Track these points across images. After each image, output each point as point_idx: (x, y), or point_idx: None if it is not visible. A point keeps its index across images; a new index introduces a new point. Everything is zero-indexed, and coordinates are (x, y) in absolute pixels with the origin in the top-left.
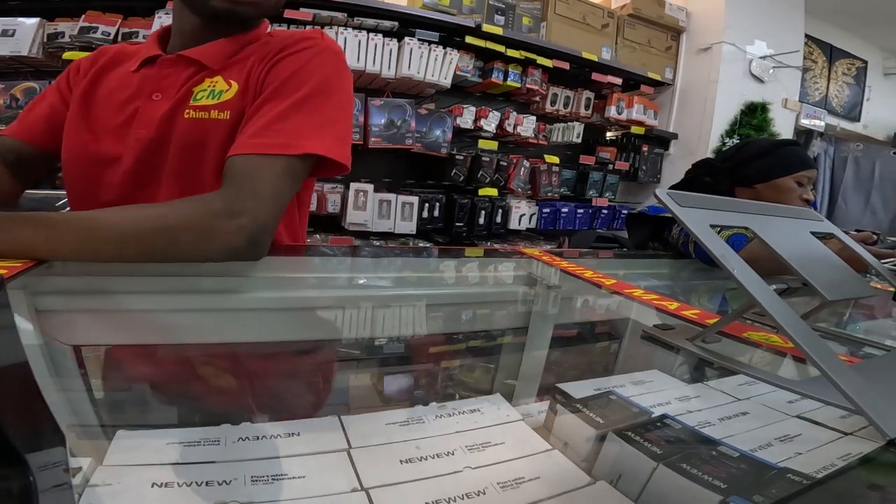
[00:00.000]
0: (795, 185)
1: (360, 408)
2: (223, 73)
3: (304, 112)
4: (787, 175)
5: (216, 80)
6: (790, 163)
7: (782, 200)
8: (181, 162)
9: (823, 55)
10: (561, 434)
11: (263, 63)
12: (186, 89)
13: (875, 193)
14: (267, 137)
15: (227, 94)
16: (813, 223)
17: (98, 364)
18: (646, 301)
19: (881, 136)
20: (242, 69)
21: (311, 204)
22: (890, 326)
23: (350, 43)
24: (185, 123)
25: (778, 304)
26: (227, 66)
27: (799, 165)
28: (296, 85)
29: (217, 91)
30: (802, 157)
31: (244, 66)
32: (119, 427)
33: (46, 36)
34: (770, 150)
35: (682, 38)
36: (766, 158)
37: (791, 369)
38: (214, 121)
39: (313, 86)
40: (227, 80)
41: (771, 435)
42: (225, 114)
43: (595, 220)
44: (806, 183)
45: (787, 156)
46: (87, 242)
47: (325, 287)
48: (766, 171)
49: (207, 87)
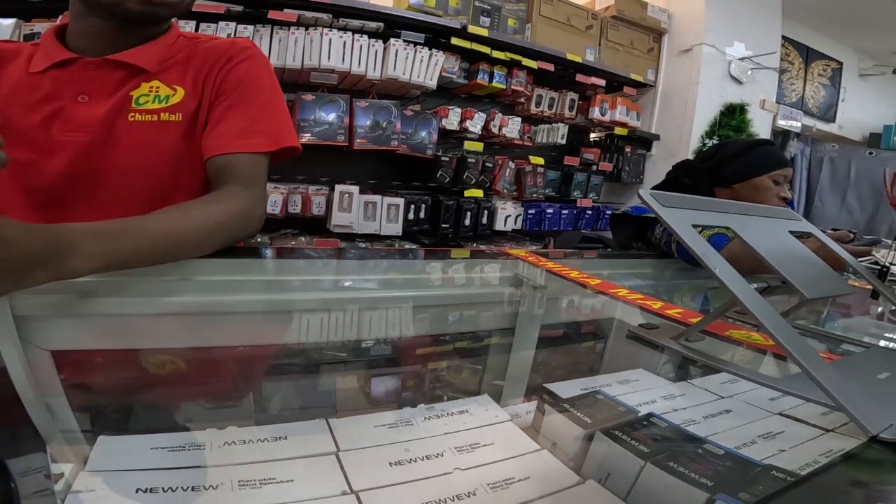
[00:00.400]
0: (772, 184)
1: (348, 410)
2: (160, 76)
3: (271, 111)
4: (763, 174)
5: (156, 85)
6: (766, 162)
7: (760, 199)
8: (129, 162)
9: (800, 56)
10: (549, 434)
11: (214, 70)
12: (123, 94)
13: (851, 193)
14: (255, 137)
15: (175, 98)
16: (791, 222)
17: (78, 369)
18: (630, 301)
19: (856, 136)
20: (184, 73)
21: (296, 205)
22: (867, 324)
23: (335, 44)
24: (132, 126)
25: (759, 302)
26: (163, 69)
27: (775, 164)
28: (255, 88)
29: (162, 96)
30: (778, 156)
31: (184, 69)
32: (100, 433)
33: (23, 37)
34: (746, 150)
35: (663, 40)
36: (742, 158)
37: (772, 367)
38: (165, 123)
39: (268, 87)
40: (169, 86)
41: (754, 432)
42: (176, 116)
43: (580, 220)
44: (782, 181)
45: (762, 155)
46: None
47: (311, 290)
48: (744, 170)
49: (149, 92)
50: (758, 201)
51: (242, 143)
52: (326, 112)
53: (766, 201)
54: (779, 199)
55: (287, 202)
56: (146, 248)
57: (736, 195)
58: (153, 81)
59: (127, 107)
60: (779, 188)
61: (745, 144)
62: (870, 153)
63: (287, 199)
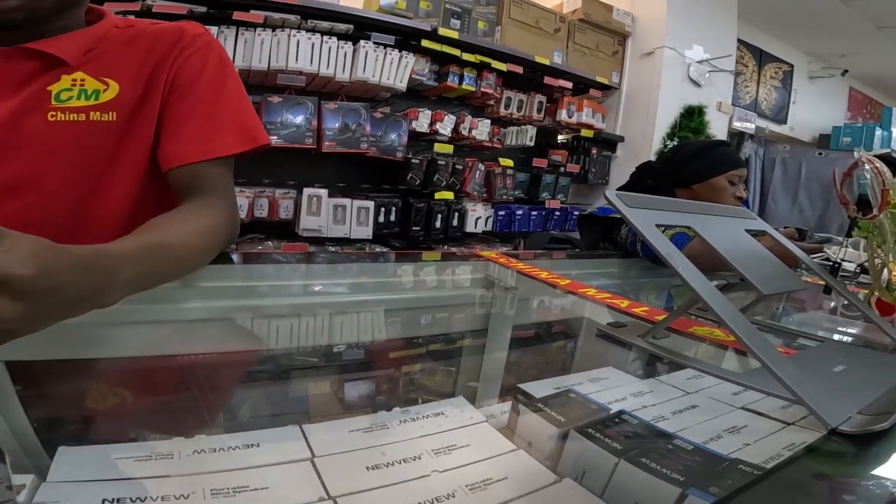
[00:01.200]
0: (728, 184)
1: (322, 416)
2: (84, 68)
3: (236, 105)
4: (720, 174)
5: (80, 77)
6: (722, 163)
7: (717, 198)
8: (45, 168)
9: (754, 59)
10: (524, 434)
11: (167, 60)
12: (38, 88)
13: (802, 192)
14: (222, 139)
15: (108, 94)
16: (748, 221)
17: (33, 379)
18: (599, 300)
19: (806, 137)
20: (119, 63)
21: (262, 209)
22: (821, 318)
23: (303, 46)
24: (51, 126)
25: (720, 299)
26: (88, 59)
27: (731, 165)
28: (216, 82)
29: (90, 91)
30: (733, 156)
31: (119, 59)
32: (59, 443)
33: None
34: (704, 151)
35: (627, 43)
36: (700, 160)
37: (734, 362)
38: (95, 123)
39: (229, 79)
40: (98, 78)
41: (720, 427)
42: (109, 115)
43: (548, 221)
44: (737, 181)
45: (719, 156)
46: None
47: (280, 295)
48: (702, 171)
49: (72, 86)
50: (714, 201)
51: (210, 148)
52: (294, 114)
53: (723, 200)
54: (734, 198)
55: (253, 206)
56: (165, 269)
57: (695, 195)
58: (76, 73)
59: (45, 104)
60: (734, 188)
61: (703, 146)
62: (819, 153)
63: (253, 203)
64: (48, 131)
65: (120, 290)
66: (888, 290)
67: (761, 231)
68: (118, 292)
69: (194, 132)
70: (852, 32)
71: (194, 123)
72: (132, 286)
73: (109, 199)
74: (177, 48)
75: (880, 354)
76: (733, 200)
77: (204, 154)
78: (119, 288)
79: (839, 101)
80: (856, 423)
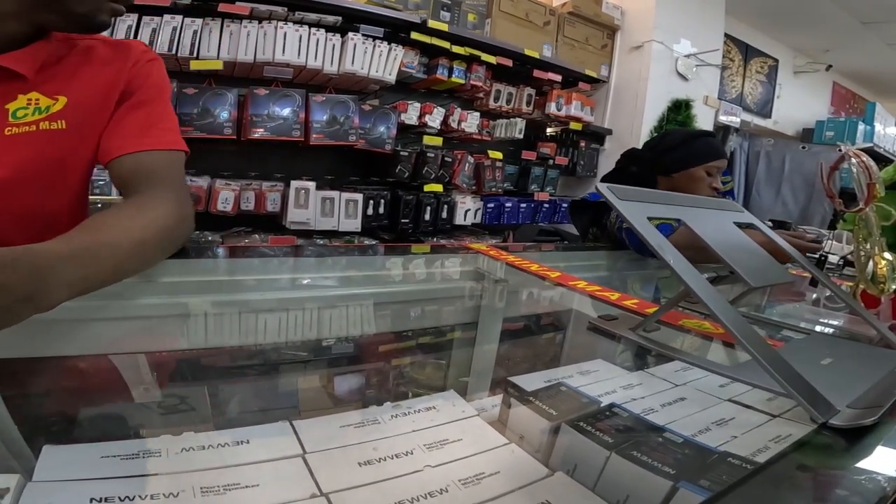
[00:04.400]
0: (705, 175)
1: (312, 411)
2: (40, 87)
3: (169, 114)
4: (699, 165)
5: (34, 97)
6: (703, 153)
7: (693, 187)
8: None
9: (740, 54)
10: (516, 427)
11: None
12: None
13: (785, 185)
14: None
15: (57, 106)
16: (735, 214)
17: (16, 378)
18: (588, 292)
19: (790, 131)
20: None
21: (249, 202)
22: (807, 310)
23: (291, 38)
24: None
25: (711, 292)
26: (42, 79)
27: (711, 156)
28: (160, 93)
29: (43, 107)
30: (714, 147)
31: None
32: (43, 442)
33: None
34: (687, 140)
35: (616, 37)
36: (682, 149)
37: (723, 354)
38: (45, 131)
39: (167, 92)
40: (50, 96)
41: (708, 419)
42: (59, 123)
43: (537, 213)
44: (715, 173)
45: (700, 147)
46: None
47: (268, 289)
48: (682, 161)
49: (27, 105)
50: (691, 190)
51: (151, 140)
52: (281, 107)
53: (699, 190)
54: (710, 188)
55: (239, 199)
56: (107, 267)
57: (674, 183)
58: (31, 93)
59: (3, 122)
60: (711, 179)
61: (686, 135)
62: (803, 147)
63: (239, 196)
64: (6, 144)
65: (58, 292)
66: (873, 282)
67: (749, 223)
68: (56, 294)
69: (136, 127)
70: (837, 28)
71: (135, 120)
72: (73, 287)
73: (61, 202)
74: (129, 62)
75: (866, 347)
76: (709, 191)
77: (145, 145)
78: (56, 289)
79: (823, 95)
80: (846, 417)
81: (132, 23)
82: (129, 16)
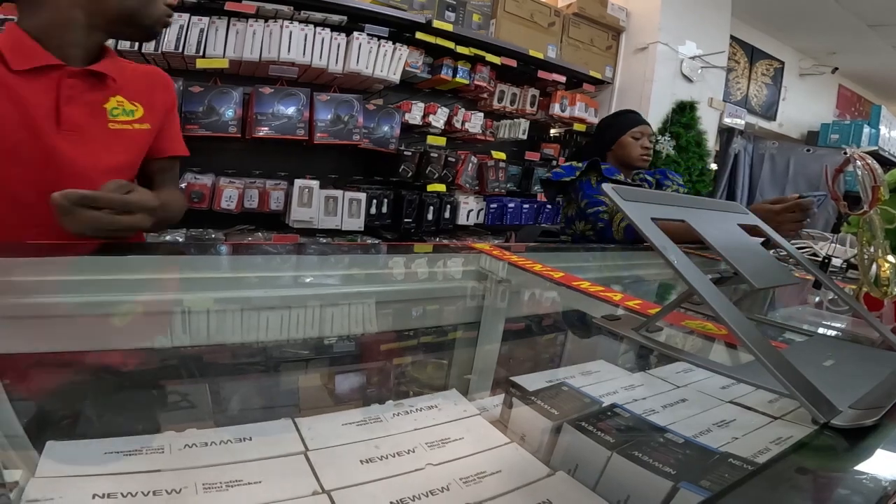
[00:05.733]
0: (633, 140)
1: (314, 409)
2: (122, 92)
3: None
4: (624, 133)
5: (120, 100)
6: (625, 123)
7: (628, 152)
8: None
9: (745, 56)
10: (517, 427)
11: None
12: (98, 106)
13: (790, 188)
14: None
15: (139, 112)
16: (739, 216)
17: (19, 373)
18: (591, 293)
19: (795, 134)
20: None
21: (252, 201)
22: (807, 312)
23: (296, 37)
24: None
25: (715, 293)
26: (119, 87)
27: (631, 124)
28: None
29: (128, 109)
30: (635, 117)
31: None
32: (47, 438)
33: None
34: (612, 119)
35: (621, 38)
36: (610, 126)
37: (725, 355)
38: (138, 131)
39: None
40: (131, 101)
41: (709, 420)
42: (145, 125)
43: (540, 214)
44: (640, 137)
45: (622, 119)
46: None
47: (269, 286)
48: (612, 135)
49: (118, 106)
50: (627, 155)
51: (178, 147)
52: (286, 105)
53: (632, 153)
54: (642, 149)
55: (243, 197)
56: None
57: (615, 155)
58: (117, 97)
59: (105, 118)
60: (640, 141)
61: (612, 115)
62: (808, 150)
63: (243, 194)
64: (110, 136)
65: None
66: (877, 284)
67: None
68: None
69: (170, 136)
70: (843, 30)
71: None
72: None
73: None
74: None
75: (869, 349)
76: (641, 151)
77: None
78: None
79: (828, 98)
80: (848, 418)
81: None
82: None
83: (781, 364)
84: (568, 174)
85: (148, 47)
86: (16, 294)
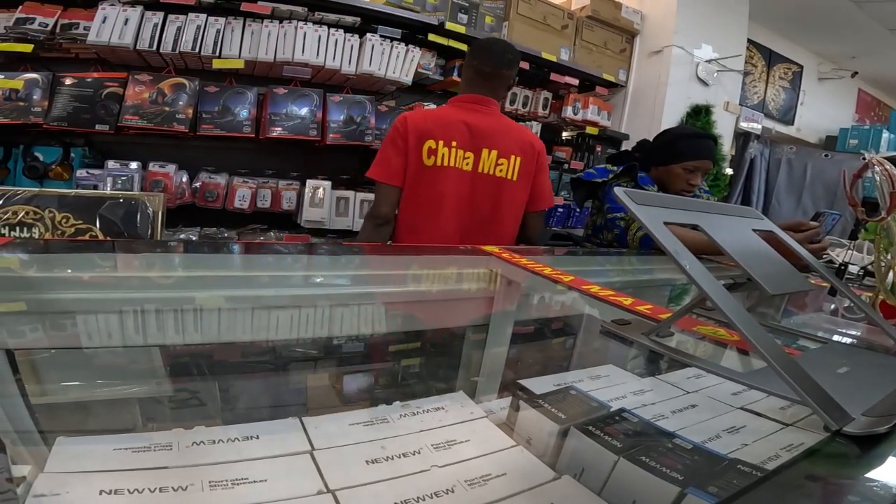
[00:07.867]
0: (682, 172)
1: (321, 408)
2: None
3: None
4: (677, 163)
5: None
6: (682, 153)
7: (671, 182)
8: None
9: (763, 60)
10: (524, 430)
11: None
12: None
13: (806, 194)
14: None
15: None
16: (755, 221)
17: (32, 369)
18: (601, 297)
19: (813, 139)
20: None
21: (265, 200)
22: (822, 319)
23: (310, 38)
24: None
25: (728, 299)
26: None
27: (688, 156)
28: None
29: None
30: (696, 148)
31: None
32: (57, 434)
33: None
34: (675, 139)
35: (635, 41)
36: (668, 146)
37: (737, 361)
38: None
39: None
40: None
41: (719, 426)
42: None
43: (551, 218)
44: (693, 171)
45: (682, 147)
46: None
47: (279, 286)
48: (665, 157)
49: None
50: (669, 184)
51: None
52: (299, 106)
53: (675, 185)
54: (687, 185)
55: (256, 197)
56: None
57: (659, 176)
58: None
59: None
60: (689, 176)
61: (678, 135)
62: (825, 155)
63: (256, 194)
64: None
65: None
66: (893, 292)
67: (768, 231)
68: None
69: None
70: (864, 34)
71: None
72: None
73: None
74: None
75: (883, 356)
76: (685, 186)
77: None
78: None
79: (848, 102)
80: (860, 425)
81: (158, 21)
82: (154, 13)
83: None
84: (600, 176)
85: (166, 47)
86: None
